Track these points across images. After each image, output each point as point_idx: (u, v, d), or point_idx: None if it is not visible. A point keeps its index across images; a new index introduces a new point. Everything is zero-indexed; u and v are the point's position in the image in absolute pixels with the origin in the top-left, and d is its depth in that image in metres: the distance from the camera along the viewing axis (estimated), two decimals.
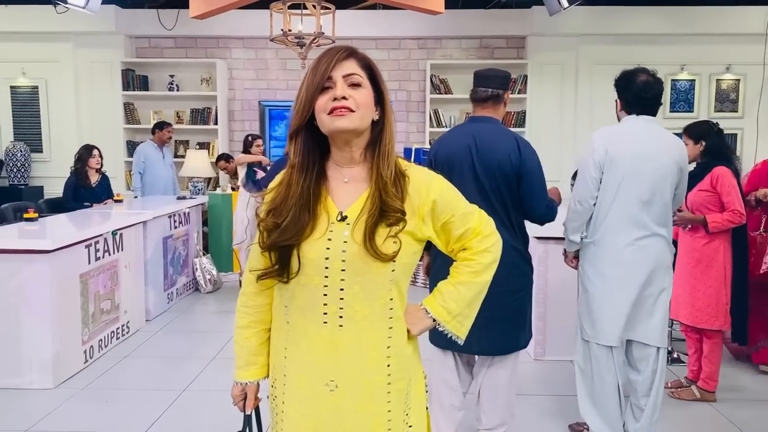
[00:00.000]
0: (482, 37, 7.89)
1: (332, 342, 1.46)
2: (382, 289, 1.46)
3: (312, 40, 5.28)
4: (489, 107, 2.82)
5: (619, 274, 2.82)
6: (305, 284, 1.46)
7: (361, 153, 1.49)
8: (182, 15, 7.35)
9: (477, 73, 2.87)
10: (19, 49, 7.73)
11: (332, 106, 1.40)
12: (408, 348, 1.54)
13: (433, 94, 7.75)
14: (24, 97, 7.89)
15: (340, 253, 1.43)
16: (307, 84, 1.43)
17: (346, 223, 1.44)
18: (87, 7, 6.08)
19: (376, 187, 1.45)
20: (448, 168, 2.68)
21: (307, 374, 1.48)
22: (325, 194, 1.48)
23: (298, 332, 1.49)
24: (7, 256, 3.73)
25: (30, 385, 3.77)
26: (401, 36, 7.86)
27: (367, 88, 1.45)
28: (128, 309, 4.80)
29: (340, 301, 1.44)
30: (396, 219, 1.43)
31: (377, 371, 1.48)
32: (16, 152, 7.67)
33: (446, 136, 2.89)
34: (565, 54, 7.74)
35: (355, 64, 1.45)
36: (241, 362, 1.61)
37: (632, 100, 2.92)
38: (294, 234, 1.43)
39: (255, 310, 1.59)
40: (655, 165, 2.79)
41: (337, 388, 1.46)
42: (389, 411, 1.49)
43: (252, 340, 1.60)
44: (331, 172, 1.50)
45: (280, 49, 7.62)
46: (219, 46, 7.98)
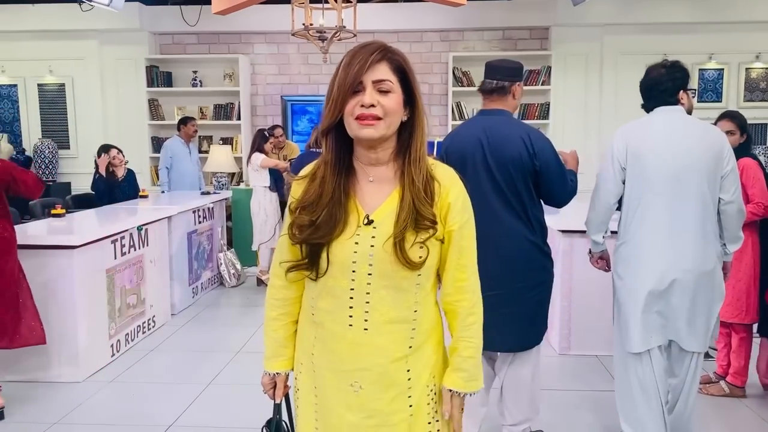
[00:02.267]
0: (505, 29, 7.81)
1: (357, 344, 1.47)
2: (408, 293, 1.47)
3: (333, 34, 5.28)
4: (496, 99, 2.77)
5: (654, 277, 2.63)
6: (332, 287, 1.47)
7: (388, 154, 1.48)
8: (205, 11, 7.39)
9: (488, 64, 2.82)
10: (46, 47, 7.84)
11: (360, 113, 1.39)
12: (429, 344, 1.54)
13: (456, 87, 7.71)
14: (51, 94, 8.01)
15: (367, 257, 1.43)
16: (338, 83, 1.41)
17: (373, 227, 1.44)
18: (111, 5, 6.14)
19: (409, 192, 1.43)
20: (461, 163, 2.61)
21: (334, 374, 1.51)
22: (352, 194, 1.48)
23: (325, 332, 1.51)
24: (35, 251, 3.79)
25: (59, 378, 3.83)
26: (423, 29, 7.82)
27: (396, 93, 1.43)
28: (154, 303, 4.86)
29: (366, 305, 1.45)
30: (427, 227, 1.42)
31: (398, 372, 1.49)
32: (44, 149, 7.80)
33: (457, 130, 2.83)
34: (590, 44, 7.63)
35: (387, 68, 1.43)
36: (270, 353, 1.64)
37: (647, 96, 2.80)
38: (326, 232, 1.44)
39: (283, 303, 1.61)
40: (687, 159, 2.60)
41: (362, 389, 1.48)
42: (411, 406, 1.51)
43: (280, 332, 1.62)
44: (357, 168, 1.50)
45: (302, 44, 7.63)
46: (241, 41, 8.02)
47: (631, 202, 2.70)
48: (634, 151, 2.67)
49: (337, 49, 7.23)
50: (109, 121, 7.99)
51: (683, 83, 2.74)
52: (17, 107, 8.02)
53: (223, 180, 7.09)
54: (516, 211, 2.63)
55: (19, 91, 8.01)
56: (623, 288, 2.75)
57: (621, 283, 2.76)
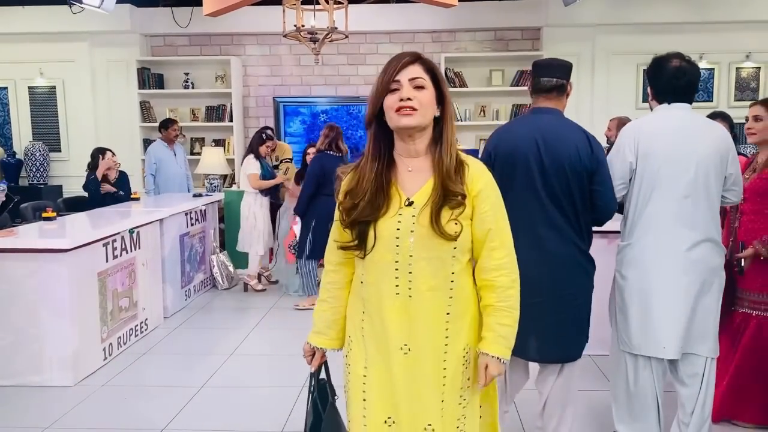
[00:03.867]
0: (497, 29, 7.83)
1: (404, 310, 1.69)
2: (446, 264, 1.68)
3: (325, 35, 5.28)
4: (553, 98, 2.62)
5: (659, 278, 2.61)
6: (378, 261, 1.69)
7: (425, 146, 1.71)
8: (196, 13, 7.38)
9: (538, 63, 2.71)
10: (36, 49, 7.80)
11: (399, 105, 1.63)
12: (466, 318, 1.75)
13: (449, 88, 7.70)
14: (42, 97, 7.97)
15: (409, 233, 1.66)
16: (377, 84, 1.68)
17: (413, 207, 1.67)
18: (102, 7, 6.11)
19: (440, 174, 1.67)
20: (511, 164, 2.51)
21: (385, 340, 1.71)
22: (394, 181, 1.71)
23: (373, 304, 1.73)
24: (26, 255, 3.77)
25: (50, 382, 3.81)
26: (415, 29, 7.82)
27: (429, 89, 1.67)
28: (146, 306, 4.84)
29: (409, 275, 1.68)
30: (457, 203, 1.65)
31: (438, 335, 1.71)
32: (35, 152, 7.76)
33: (507, 129, 2.66)
34: (581, 45, 7.66)
35: (420, 68, 1.68)
36: (316, 329, 1.89)
37: (664, 88, 2.68)
38: (371, 212, 1.67)
39: (333, 287, 1.84)
40: (694, 158, 2.56)
41: (410, 351, 1.70)
42: (445, 369, 1.72)
43: (327, 313, 1.86)
44: (398, 161, 1.73)
45: (294, 45, 7.62)
46: (233, 43, 8.00)
47: (639, 202, 2.64)
48: (645, 150, 2.61)
49: (329, 51, 7.23)
50: (101, 124, 7.96)
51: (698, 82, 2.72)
52: (7, 110, 7.98)
53: (215, 182, 7.07)
54: (567, 215, 2.51)
55: (9, 93, 7.97)
56: (628, 289, 2.70)
57: (625, 284, 2.72)
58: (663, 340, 2.63)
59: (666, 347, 2.63)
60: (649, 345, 2.65)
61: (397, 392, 1.71)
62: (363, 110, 7.87)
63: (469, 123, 7.77)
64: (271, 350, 4.53)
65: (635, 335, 2.68)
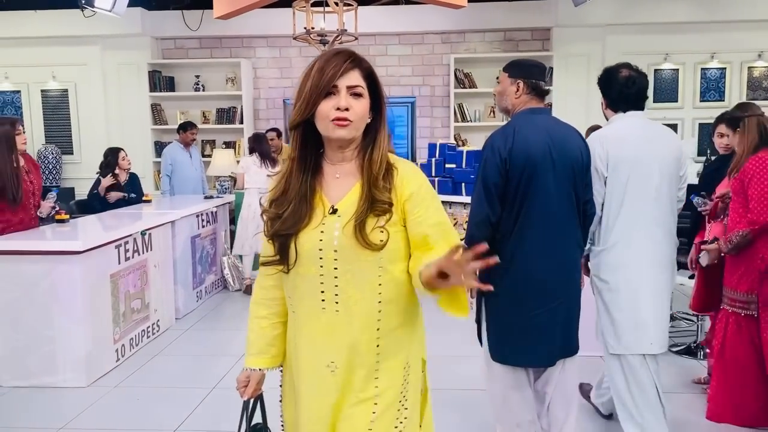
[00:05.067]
0: (506, 30, 7.82)
1: (330, 326, 1.58)
2: (372, 275, 1.56)
3: (335, 37, 5.29)
4: (544, 100, 2.64)
5: (641, 278, 2.71)
6: (303, 274, 1.58)
7: (354, 152, 1.61)
8: (206, 15, 7.42)
9: (533, 64, 2.66)
10: (49, 53, 7.88)
11: (335, 116, 1.51)
12: (401, 330, 1.63)
13: (458, 89, 7.71)
14: (54, 100, 8.05)
15: (332, 244, 1.55)
16: (311, 85, 1.52)
17: (337, 216, 1.56)
18: (114, 10, 6.16)
19: (366, 181, 1.56)
20: (530, 170, 2.41)
21: (312, 357, 1.61)
22: (319, 189, 1.60)
23: (301, 320, 1.62)
24: (40, 257, 3.80)
25: (63, 383, 3.84)
26: (424, 31, 7.83)
27: (366, 98, 1.56)
28: (158, 308, 4.87)
29: (335, 288, 1.56)
30: (383, 210, 1.53)
31: (368, 351, 1.59)
32: (47, 155, 7.83)
33: (519, 134, 2.47)
34: (591, 45, 7.64)
35: (359, 74, 1.55)
36: (254, 350, 1.73)
37: (616, 97, 2.82)
38: (292, 224, 1.56)
39: (273, 303, 1.71)
40: (658, 161, 2.72)
41: (338, 369, 1.59)
42: (377, 387, 1.60)
43: (267, 330, 1.73)
44: (326, 167, 1.62)
45: (304, 47, 7.64)
46: (243, 45, 8.04)
47: (612, 208, 2.72)
48: (615, 158, 2.70)
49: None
50: (112, 126, 8.02)
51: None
52: (21, 113, 8.05)
53: (225, 184, 7.10)
54: (576, 216, 2.52)
55: (22, 97, 8.05)
56: (611, 292, 2.76)
57: (607, 287, 2.77)
58: (650, 336, 2.73)
59: (653, 343, 2.74)
60: (640, 343, 2.73)
61: (326, 412, 1.60)
62: None
63: (478, 124, 7.76)
64: None
65: (625, 335, 2.74)
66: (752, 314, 3.06)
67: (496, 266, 2.29)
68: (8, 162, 3.97)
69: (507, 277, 2.42)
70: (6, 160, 3.97)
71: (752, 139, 3.08)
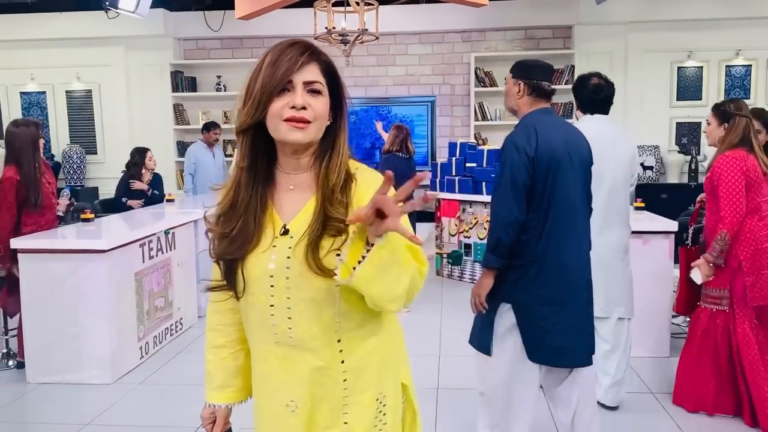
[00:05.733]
0: (527, 28, 7.78)
1: (287, 360, 1.38)
2: (328, 305, 1.34)
3: (356, 37, 5.30)
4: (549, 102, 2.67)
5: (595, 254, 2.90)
6: (253, 303, 1.38)
7: (310, 160, 1.38)
8: (228, 16, 7.47)
9: (541, 65, 2.67)
10: (73, 54, 7.99)
11: (290, 116, 1.29)
12: (370, 359, 1.42)
13: (478, 87, 7.69)
14: (79, 100, 8.16)
15: (284, 270, 1.33)
16: (263, 81, 1.30)
17: (290, 237, 1.34)
18: (137, 12, 6.23)
19: (322, 194, 1.33)
20: (554, 169, 2.45)
21: (270, 395, 1.42)
22: (270, 203, 1.38)
23: (257, 352, 1.43)
24: (65, 255, 3.86)
25: (89, 380, 3.89)
26: (445, 30, 7.81)
27: (325, 96, 1.34)
28: (181, 306, 4.92)
29: (288, 320, 1.35)
30: (338, 230, 1.29)
31: (333, 388, 1.39)
32: (72, 154, 7.94)
33: (541, 134, 2.49)
34: (614, 42, 7.57)
35: (317, 69, 1.34)
36: (216, 383, 1.53)
37: (585, 101, 3.29)
38: (238, 246, 1.35)
39: (233, 329, 1.51)
40: (615, 159, 3.17)
41: (298, 408, 1.39)
42: (346, 423, 1.41)
43: (229, 360, 1.52)
44: (278, 177, 1.40)
45: (324, 47, 7.64)
46: (264, 45, 8.07)
47: None
48: None
49: (359, 52, 7.25)
50: (135, 126, 8.11)
51: None
52: (46, 114, 8.18)
53: None
54: (589, 212, 2.64)
55: (47, 97, 8.17)
56: None
57: None
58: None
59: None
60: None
61: None
62: (392, 111, 7.89)
63: (499, 123, 7.73)
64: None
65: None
66: (724, 309, 3.20)
67: (527, 266, 2.38)
68: (32, 164, 4.01)
69: (540, 277, 2.45)
70: (31, 163, 4.00)
71: (735, 137, 3.17)
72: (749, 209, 3.12)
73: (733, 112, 3.22)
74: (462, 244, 6.37)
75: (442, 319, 5.08)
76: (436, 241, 6.70)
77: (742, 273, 3.12)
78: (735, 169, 3.08)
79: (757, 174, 3.12)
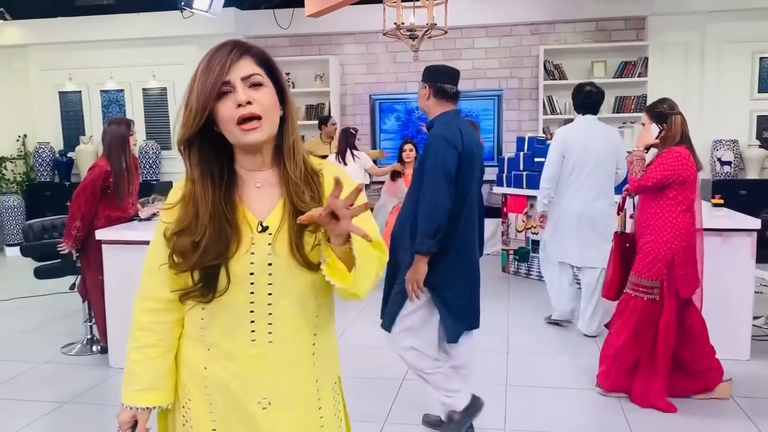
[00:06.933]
0: (598, 20, 7.58)
1: (261, 359, 1.36)
2: (310, 297, 1.38)
3: (424, 32, 5.30)
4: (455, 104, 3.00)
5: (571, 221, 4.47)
6: (228, 304, 1.35)
7: (271, 156, 1.38)
8: (297, 14, 7.59)
9: (445, 68, 2.99)
10: (149, 53, 8.29)
11: (240, 115, 1.28)
12: (330, 347, 1.48)
13: (547, 81, 7.55)
14: (154, 98, 8.46)
15: (266, 267, 1.33)
16: (198, 89, 1.28)
17: (268, 233, 1.33)
18: (210, 11, 6.42)
19: (287, 191, 1.34)
20: (469, 161, 2.80)
21: (238, 393, 1.38)
22: (239, 203, 1.36)
23: (221, 353, 1.38)
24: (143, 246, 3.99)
25: None
26: (513, 22, 7.71)
27: (269, 87, 1.33)
28: None
29: (269, 317, 1.35)
30: (316, 225, 1.26)
31: (307, 380, 1.42)
32: (148, 150, 8.25)
33: (463, 130, 2.83)
34: (690, 33, 7.28)
35: (251, 62, 1.32)
36: (142, 384, 1.43)
37: (579, 104, 4.51)
38: (220, 252, 1.31)
39: (164, 327, 1.44)
40: (596, 150, 4.35)
41: (270, 405, 1.38)
42: (321, 417, 1.44)
43: (157, 361, 1.44)
44: (242, 175, 1.38)
45: (390, 43, 7.69)
46: (331, 42, 8.18)
47: (564, 176, 4.47)
48: (568, 145, 4.42)
49: (425, 47, 7.25)
50: None
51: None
52: (124, 111, 8.52)
53: None
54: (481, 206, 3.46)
55: (125, 95, 8.51)
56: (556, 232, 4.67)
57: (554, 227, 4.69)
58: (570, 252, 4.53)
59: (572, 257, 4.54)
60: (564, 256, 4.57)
61: None
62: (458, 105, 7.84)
63: (568, 116, 7.56)
64: (373, 343, 4.59)
65: (554, 251, 4.66)
66: (654, 298, 3.34)
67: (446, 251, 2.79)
68: (121, 161, 4.20)
69: (457, 261, 2.81)
70: (120, 160, 4.19)
71: (676, 136, 3.31)
72: (685, 207, 3.29)
73: (668, 111, 3.34)
74: (529, 240, 6.28)
75: (509, 316, 5.03)
76: (502, 237, 6.63)
77: (675, 266, 3.28)
78: (678, 166, 3.23)
79: (694, 172, 3.29)
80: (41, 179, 8.50)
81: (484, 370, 3.81)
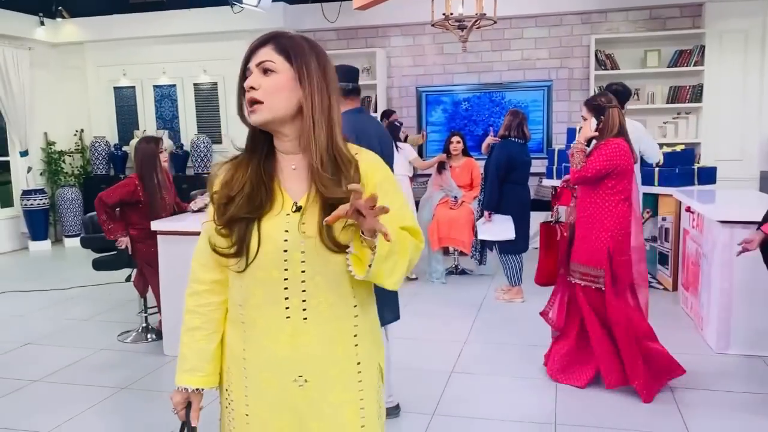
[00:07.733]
0: (652, 7, 7.37)
1: (297, 336, 1.39)
2: (344, 276, 1.39)
3: (474, 22, 5.24)
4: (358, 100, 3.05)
5: None
6: (263, 280, 1.39)
7: (296, 143, 1.42)
8: (344, 7, 7.61)
9: (342, 66, 2.93)
10: (200, 49, 8.44)
11: (247, 98, 1.39)
12: (374, 325, 1.52)
13: (598, 71, 7.38)
14: (205, 93, 8.62)
15: (299, 245, 1.37)
16: (239, 77, 1.44)
17: (302, 214, 1.38)
18: (259, 6, 6.49)
19: (313, 180, 1.38)
20: None
21: (273, 372, 1.41)
22: (277, 180, 1.42)
23: (257, 331, 1.41)
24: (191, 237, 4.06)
25: None
26: (563, 11, 7.56)
27: (281, 73, 1.37)
28: None
29: (303, 293, 1.38)
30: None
31: (347, 360, 1.43)
32: (199, 144, 8.42)
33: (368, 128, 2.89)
34: (750, 20, 7.01)
35: (270, 50, 1.38)
36: (188, 366, 1.48)
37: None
38: (254, 207, 1.38)
39: (208, 309, 1.49)
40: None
41: (307, 383, 1.40)
42: (362, 399, 1.45)
43: (202, 343, 1.48)
44: (280, 158, 1.45)
45: (437, 34, 7.64)
46: (378, 35, 8.18)
47: None
48: None
49: (473, 37, 7.18)
50: None
51: None
52: (176, 106, 8.71)
53: None
54: None
55: (177, 90, 8.70)
56: None
57: None
58: None
59: None
60: None
61: (291, 428, 1.42)
62: (506, 96, 7.77)
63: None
64: (420, 334, 4.60)
65: None
66: (599, 287, 3.40)
67: None
68: (153, 179, 4.34)
69: None
70: (151, 176, 4.33)
71: (612, 127, 3.40)
72: (624, 197, 3.39)
73: (606, 104, 3.43)
74: None
75: None
76: None
77: (614, 254, 3.38)
78: (617, 157, 3.32)
79: (632, 162, 3.40)
80: (97, 172, 8.77)
81: (527, 362, 3.77)
